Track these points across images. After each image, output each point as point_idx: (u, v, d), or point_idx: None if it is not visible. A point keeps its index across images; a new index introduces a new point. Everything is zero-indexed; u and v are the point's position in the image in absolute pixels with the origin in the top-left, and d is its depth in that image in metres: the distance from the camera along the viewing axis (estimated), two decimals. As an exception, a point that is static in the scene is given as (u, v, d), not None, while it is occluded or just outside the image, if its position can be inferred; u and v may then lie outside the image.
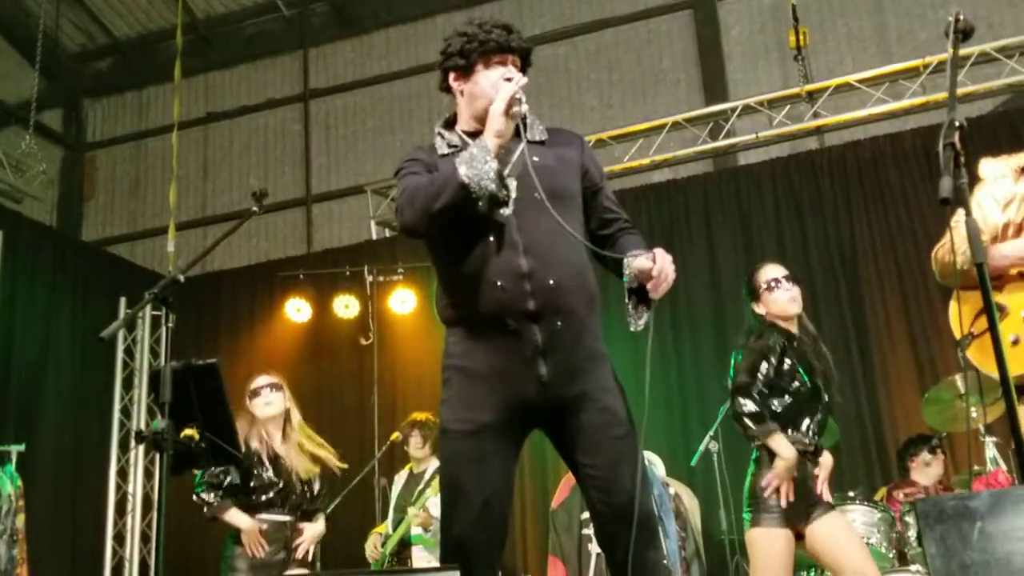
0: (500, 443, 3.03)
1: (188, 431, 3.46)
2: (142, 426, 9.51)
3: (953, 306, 3.44)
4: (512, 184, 3.04)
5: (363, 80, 11.68)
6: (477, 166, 2.89)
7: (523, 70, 3.21)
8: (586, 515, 6.43)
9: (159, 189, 11.75)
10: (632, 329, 3.09)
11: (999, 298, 3.30)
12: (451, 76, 3.23)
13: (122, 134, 12.66)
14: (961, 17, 2.81)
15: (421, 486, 6.83)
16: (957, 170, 2.47)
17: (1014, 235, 3.42)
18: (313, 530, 5.55)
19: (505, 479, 3.05)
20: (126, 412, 9.88)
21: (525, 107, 3.03)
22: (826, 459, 4.41)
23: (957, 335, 3.32)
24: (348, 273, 9.25)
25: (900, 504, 6.00)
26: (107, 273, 10.20)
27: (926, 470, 6.64)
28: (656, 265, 2.97)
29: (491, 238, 3.02)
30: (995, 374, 3.02)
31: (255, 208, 3.88)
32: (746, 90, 9.68)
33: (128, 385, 9.96)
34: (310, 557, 5.53)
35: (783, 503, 4.22)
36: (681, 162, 9.19)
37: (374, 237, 10.05)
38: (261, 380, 5.61)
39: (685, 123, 9.16)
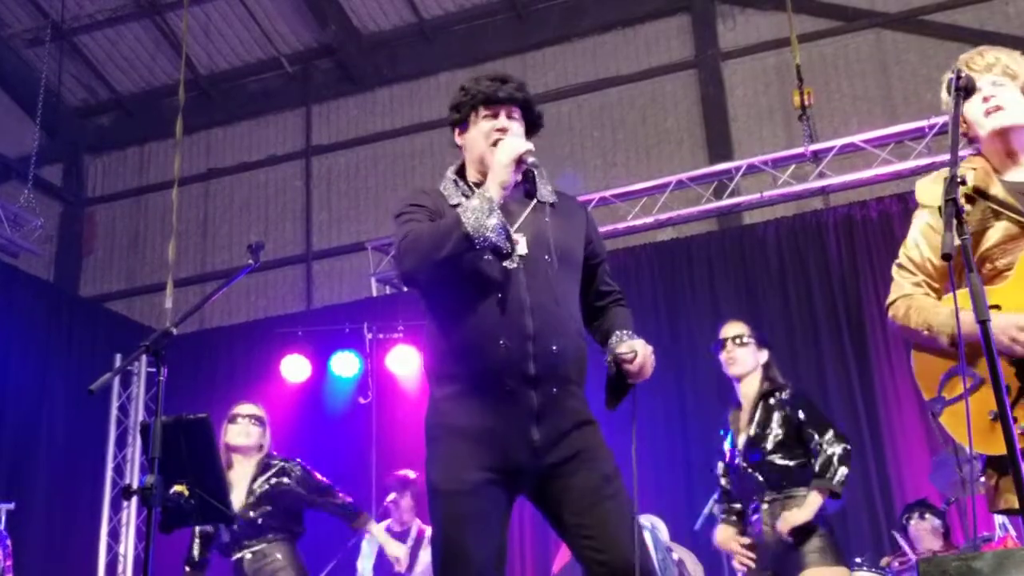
0: (494, 503, 2.93)
1: (178, 487, 3.34)
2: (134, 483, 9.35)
3: (917, 359, 3.06)
4: (523, 240, 2.99)
5: (365, 137, 11.70)
6: (480, 218, 2.83)
7: (530, 121, 3.20)
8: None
9: (158, 245, 11.70)
10: (608, 408, 3.06)
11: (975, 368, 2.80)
12: (455, 131, 3.25)
13: (122, 189, 12.65)
14: (962, 74, 2.79)
15: (410, 543, 6.74)
16: (960, 226, 2.44)
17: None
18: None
19: (502, 539, 2.94)
20: (119, 470, 9.69)
21: (533, 159, 3.00)
22: None
23: (925, 395, 2.99)
24: (347, 330, 9.14)
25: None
26: (103, 329, 10.08)
27: (932, 536, 6.50)
28: (637, 360, 2.97)
29: (499, 294, 2.94)
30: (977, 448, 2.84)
31: (251, 260, 3.79)
32: (751, 150, 9.65)
33: (122, 443, 9.78)
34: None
35: None
36: (685, 221, 9.13)
37: (374, 294, 9.95)
38: (244, 408, 5.49)
39: (689, 182, 9.09)
